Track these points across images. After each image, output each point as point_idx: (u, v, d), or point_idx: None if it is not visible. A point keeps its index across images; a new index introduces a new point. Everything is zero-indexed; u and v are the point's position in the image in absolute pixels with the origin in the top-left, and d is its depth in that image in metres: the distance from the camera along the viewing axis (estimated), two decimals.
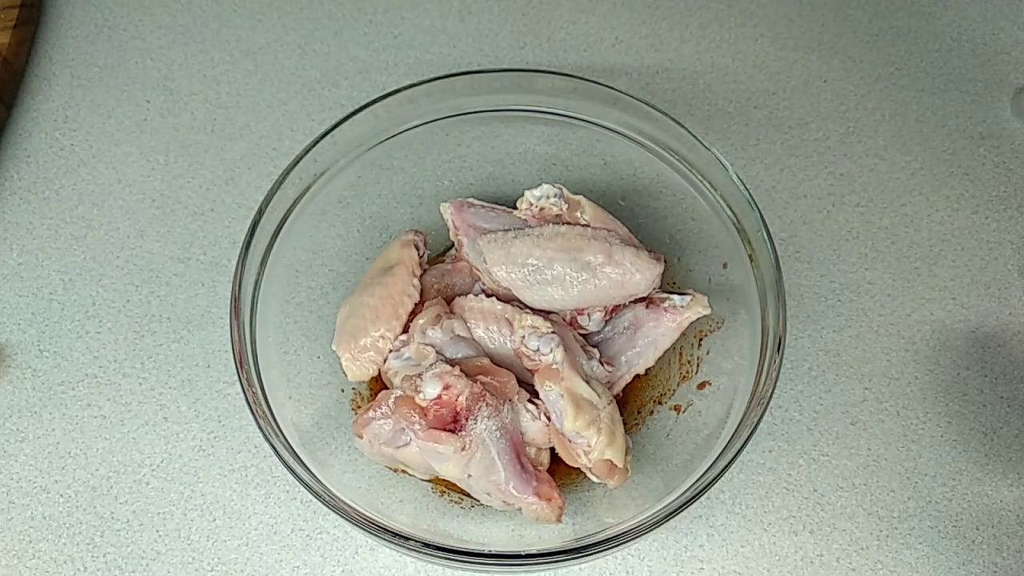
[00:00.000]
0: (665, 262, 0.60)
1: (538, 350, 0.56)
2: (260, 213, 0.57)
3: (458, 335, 0.58)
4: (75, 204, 0.73)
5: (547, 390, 0.55)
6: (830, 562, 0.61)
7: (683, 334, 0.61)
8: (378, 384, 0.62)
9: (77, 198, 0.74)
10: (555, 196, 0.60)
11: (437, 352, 0.57)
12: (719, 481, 0.51)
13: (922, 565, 0.61)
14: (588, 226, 0.60)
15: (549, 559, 0.50)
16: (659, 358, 0.61)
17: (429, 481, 0.60)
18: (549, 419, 0.56)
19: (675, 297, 0.60)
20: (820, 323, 0.69)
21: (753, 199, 0.58)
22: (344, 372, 0.59)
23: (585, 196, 0.61)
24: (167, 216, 0.73)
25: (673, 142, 0.62)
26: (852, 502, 0.63)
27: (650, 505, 0.53)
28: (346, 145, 0.62)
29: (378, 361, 0.58)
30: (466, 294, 0.62)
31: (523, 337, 0.56)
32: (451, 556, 0.50)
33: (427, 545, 0.50)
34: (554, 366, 0.55)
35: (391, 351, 0.58)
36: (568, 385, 0.55)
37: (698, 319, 0.60)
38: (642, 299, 0.61)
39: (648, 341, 0.61)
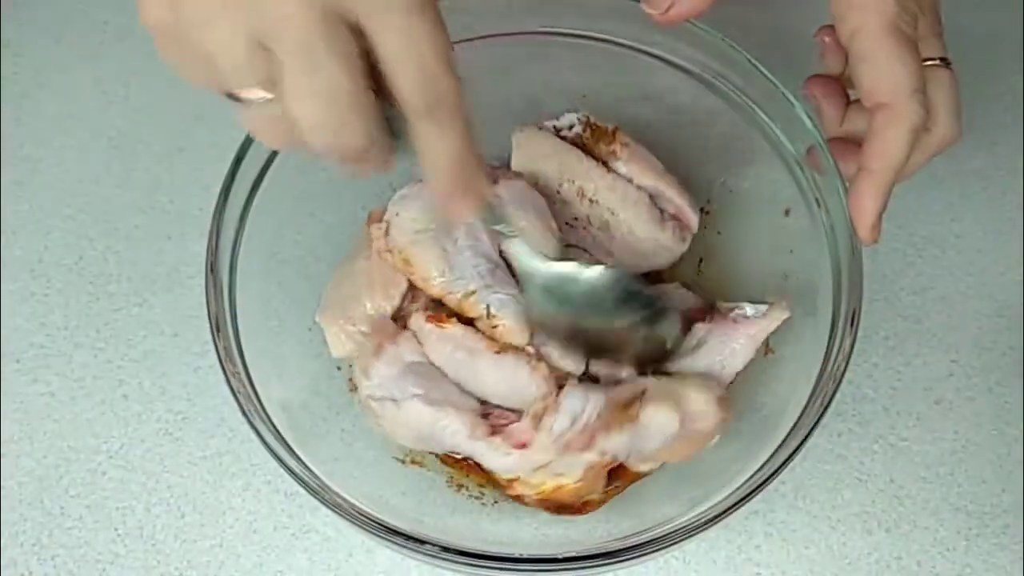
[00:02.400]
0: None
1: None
2: (241, 154, 0.54)
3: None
4: (18, 144, 0.71)
5: None
6: (910, 565, 0.58)
7: None
8: None
9: (20, 136, 0.71)
10: (579, 124, 0.58)
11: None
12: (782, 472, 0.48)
13: (1017, 569, 0.58)
14: (616, 175, 0.57)
15: (586, 563, 0.48)
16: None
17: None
18: None
19: (747, 307, 0.56)
20: (898, 284, 0.66)
21: (822, 135, 0.54)
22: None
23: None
24: (127, 157, 0.70)
25: (726, 70, 0.58)
26: (936, 495, 0.60)
27: (701, 499, 0.50)
28: None
29: None
30: None
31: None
32: (475, 561, 0.48)
33: (446, 549, 0.47)
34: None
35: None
36: None
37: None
38: (702, 311, 0.57)
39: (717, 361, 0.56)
